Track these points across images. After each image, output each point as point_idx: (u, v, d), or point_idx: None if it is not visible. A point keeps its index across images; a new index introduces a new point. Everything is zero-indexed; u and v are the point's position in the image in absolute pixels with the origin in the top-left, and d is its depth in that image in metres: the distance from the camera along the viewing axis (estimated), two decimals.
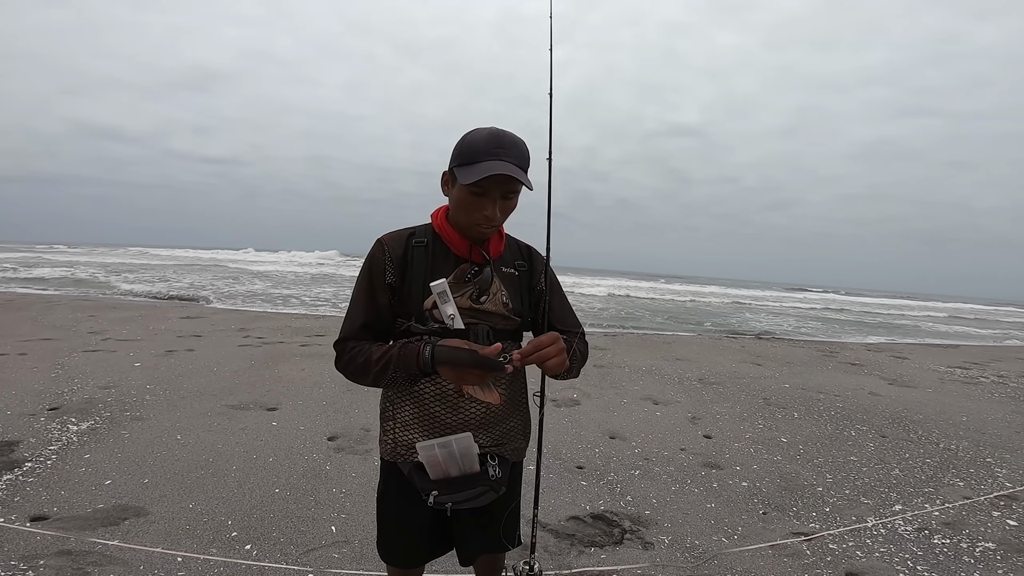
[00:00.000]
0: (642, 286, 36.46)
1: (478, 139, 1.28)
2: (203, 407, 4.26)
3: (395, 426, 1.40)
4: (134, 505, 2.66)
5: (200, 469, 3.13)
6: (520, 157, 1.28)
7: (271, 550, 2.36)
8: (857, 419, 5.04)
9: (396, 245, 1.38)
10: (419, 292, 1.34)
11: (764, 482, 3.45)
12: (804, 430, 4.62)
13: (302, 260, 38.29)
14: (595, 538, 2.63)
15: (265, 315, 10.82)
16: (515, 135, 1.30)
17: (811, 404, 5.52)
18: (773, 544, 2.67)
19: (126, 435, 3.58)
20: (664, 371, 6.79)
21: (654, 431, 4.36)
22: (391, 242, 1.39)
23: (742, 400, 5.55)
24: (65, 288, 14.02)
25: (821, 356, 9.15)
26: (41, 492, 2.74)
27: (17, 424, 3.63)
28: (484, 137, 1.27)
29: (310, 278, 23.12)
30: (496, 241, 1.43)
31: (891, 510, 3.16)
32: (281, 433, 3.79)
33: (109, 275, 18.21)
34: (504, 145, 1.26)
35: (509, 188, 1.29)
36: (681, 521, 2.87)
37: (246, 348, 6.73)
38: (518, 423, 1.48)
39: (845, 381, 6.92)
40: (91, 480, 2.90)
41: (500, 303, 1.39)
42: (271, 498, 2.84)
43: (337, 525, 2.61)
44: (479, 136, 1.28)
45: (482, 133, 1.29)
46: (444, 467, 1.28)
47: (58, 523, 2.44)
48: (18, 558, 2.16)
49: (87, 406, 4.11)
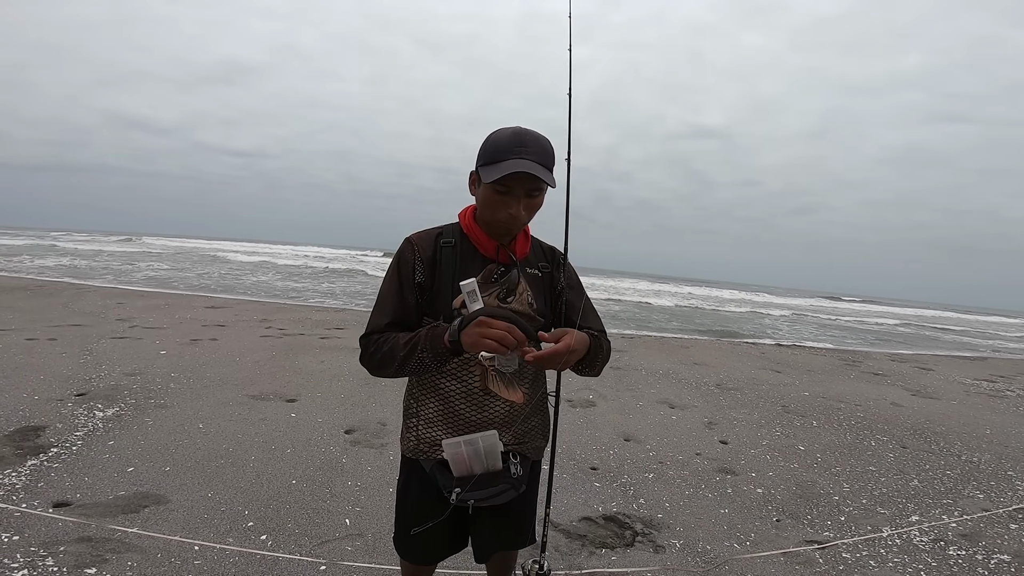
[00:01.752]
0: (660, 289, 36.19)
1: (502, 138, 1.30)
2: (225, 396, 4.35)
3: (419, 423, 1.41)
4: (155, 493, 2.73)
5: (220, 458, 3.20)
6: (543, 155, 1.29)
7: (286, 541, 2.41)
8: (878, 429, 4.95)
9: (425, 245, 1.40)
10: (448, 291, 1.36)
11: (779, 489, 3.41)
12: (823, 439, 4.55)
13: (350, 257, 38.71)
14: (606, 539, 2.63)
15: (287, 307, 10.99)
16: (538, 133, 1.32)
17: (831, 413, 5.43)
18: (785, 551, 2.64)
19: (150, 422, 3.67)
20: (681, 375, 6.73)
21: (670, 435, 4.34)
22: (420, 241, 1.41)
23: (760, 407, 5.49)
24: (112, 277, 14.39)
25: (843, 365, 8.99)
26: (65, 478, 2.81)
27: (44, 409, 3.74)
28: (507, 136, 1.29)
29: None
30: (522, 242, 1.45)
31: (907, 521, 3.11)
32: (300, 425, 3.86)
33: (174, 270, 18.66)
34: (527, 143, 1.28)
35: (533, 186, 1.31)
36: (693, 525, 2.85)
37: (267, 339, 6.85)
38: (539, 422, 1.50)
39: (867, 391, 6.79)
40: (114, 467, 2.98)
41: (526, 303, 1.41)
42: (288, 489, 2.89)
43: (351, 518, 2.65)
44: (503, 135, 1.30)
45: (506, 132, 1.31)
46: (468, 464, 1.29)
47: (80, 509, 2.51)
48: (39, 544, 2.20)
49: (113, 392, 4.22)
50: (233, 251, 34.80)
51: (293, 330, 7.67)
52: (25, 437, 3.25)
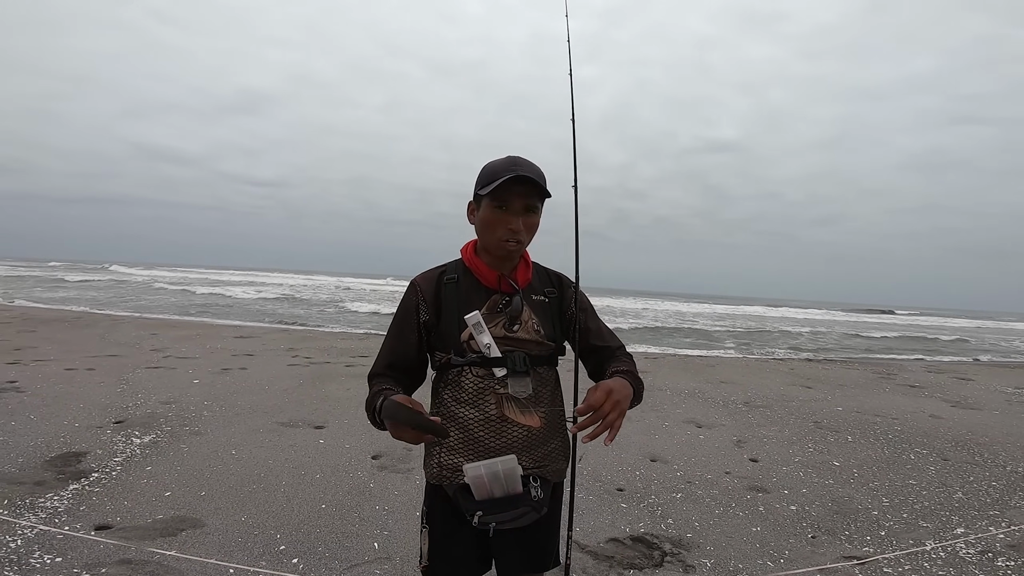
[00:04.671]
0: (684, 308, 35.74)
1: (496, 163, 1.39)
2: (255, 423, 4.44)
3: (441, 450, 1.44)
4: (191, 516, 2.80)
5: (252, 483, 3.26)
6: (537, 175, 1.37)
7: (317, 564, 2.44)
8: (917, 442, 4.80)
9: (428, 285, 1.46)
10: (455, 326, 1.40)
11: (814, 506, 3.33)
12: (859, 454, 4.43)
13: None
14: (634, 560, 2.60)
15: (312, 335, 11.18)
16: (531, 161, 1.40)
17: (866, 427, 5.28)
18: (822, 568, 2.58)
19: (185, 449, 3.77)
20: (707, 394, 6.64)
21: (697, 454, 4.28)
22: (423, 283, 1.47)
23: (791, 423, 5.37)
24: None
25: (877, 378, 8.75)
26: (106, 502, 2.90)
27: (85, 436, 3.87)
28: (502, 160, 1.39)
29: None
30: (523, 270, 1.49)
31: (952, 533, 3.00)
32: (328, 450, 3.91)
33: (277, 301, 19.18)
34: (520, 164, 1.37)
35: (530, 202, 1.37)
36: (724, 544, 2.80)
37: (295, 367, 6.98)
38: (558, 445, 1.51)
39: (904, 404, 6.59)
40: (152, 491, 3.07)
41: (532, 330, 1.44)
42: (318, 513, 2.93)
43: (379, 542, 2.67)
44: (497, 161, 1.40)
45: (500, 159, 1.40)
46: (489, 488, 1.32)
47: (120, 532, 2.59)
48: (81, 566, 2.28)
49: (150, 420, 4.35)
50: (260, 282, 35.57)
51: (319, 358, 7.80)
52: (67, 462, 3.37)
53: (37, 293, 19.15)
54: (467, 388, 1.40)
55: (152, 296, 20.41)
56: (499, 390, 1.39)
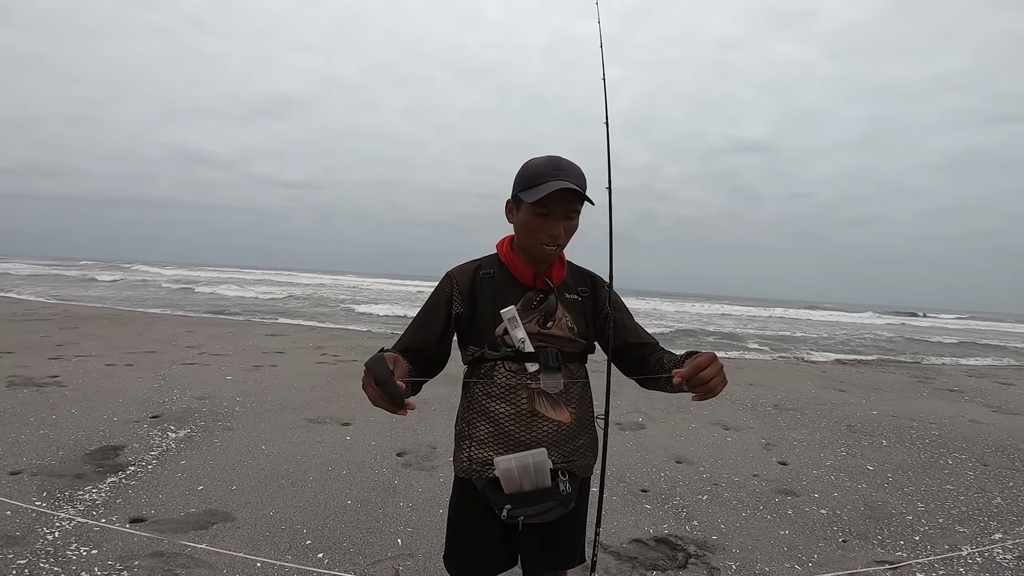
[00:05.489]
0: (710, 309, 35.20)
1: (539, 164, 1.37)
2: (285, 420, 4.54)
3: (471, 444, 1.45)
4: (222, 510, 2.87)
5: (281, 478, 3.34)
6: (579, 179, 1.36)
7: (341, 559, 2.48)
8: (955, 447, 4.64)
9: (464, 278, 1.47)
10: (489, 321, 1.41)
11: (845, 510, 3.25)
12: (894, 458, 4.31)
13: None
14: (657, 561, 2.57)
15: (340, 334, 11.36)
16: (572, 161, 1.38)
17: (902, 432, 5.13)
18: (852, 572, 2.51)
19: (218, 443, 3.88)
20: (736, 396, 6.52)
21: (724, 456, 4.21)
22: (459, 275, 1.48)
23: (822, 427, 5.24)
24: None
25: (914, 382, 8.47)
26: (141, 495, 3.00)
27: (123, 430, 4.01)
28: (544, 162, 1.37)
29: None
30: (558, 268, 1.49)
31: (990, 539, 2.90)
32: (354, 447, 3.98)
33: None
34: (563, 168, 1.35)
35: (571, 208, 1.36)
36: (751, 547, 2.75)
37: (323, 365, 7.10)
38: (587, 441, 1.51)
39: (942, 408, 6.38)
40: (186, 485, 3.16)
41: (566, 328, 1.44)
42: (343, 509, 2.98)
43: (403, 538, 2.70)
44: (539, 161, 1.38)
45: (541, 159, 1.38)
46: (519, 481, 1.33)
47: (154, 525, 2.67)
48: (115, 558, 2.35)
49: (185, 415, 4.48)
50: (289, 282, 36.28)
51: (346, 356, 7.92)
52: (105, 456, 3.50)
53: (71, 291, 19.90)
54: (499, 382, 1.41)
55: (185, 296, 21.01)
56: (531, 385, 1.40)
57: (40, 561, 2.26)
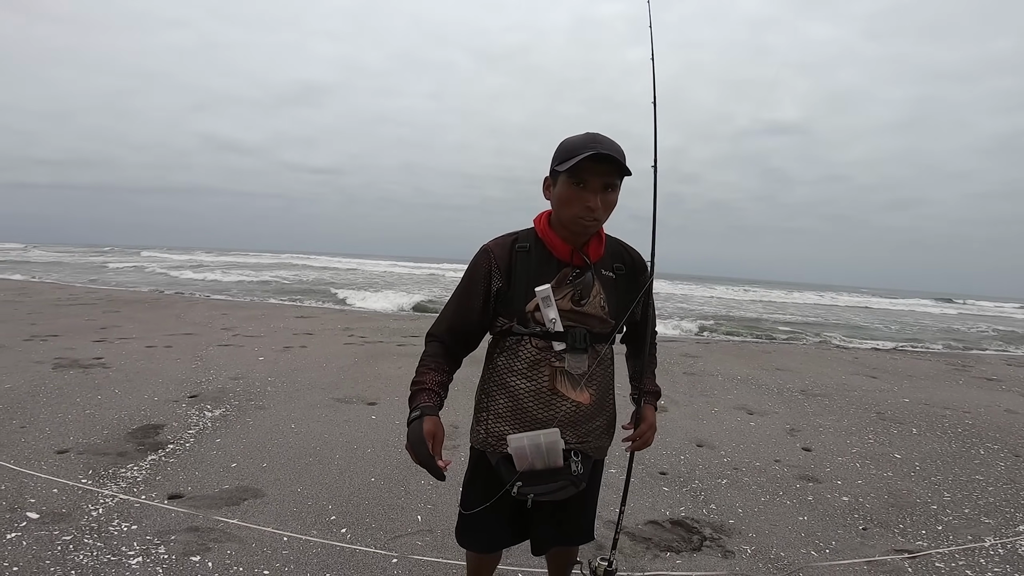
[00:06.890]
0: (739, 295, 34.55)
1: (576, 138, 1.37)
2: (314, 399, 4.69)
3: (488, 417, 1.48)
4: (253, 487, 3.00)
5: (309, 456, 3.46)
6: (617, 152, 1.33)
7: (363, 535, 2.58)
8: (988, 437, 4.52)
9: (501, 252, 1.46)
10: (522, 295, 1.42)
11: (868, 498, 3.22)
12: (923, 447, 4.22)
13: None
14: (672, 543, 2.60)
15: (367, 316, 11.58)
16: (610, 137, 1.37)
17: (934, 420, 5.01)
18: (870, 560, 2.50)
19: (251, 422, 4.04)
20: (761, 381, 6.45)
21: (746, 441, 4.19)
22: (497, 248, 1.47)
23: (850, 414, 5.16)
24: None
25: (950, 370, 8.22)
26: (179, 472, 3.14)
27: (163, 409, 4.21)
28: (581, 136, 1.37)
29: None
30: (596, 244, 1.47)
31: (1015, 531, 2.84)
32: (379, 426, 4.09)
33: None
34: (600, 140, 1.34)
35: (608, 180, 1.35)
36: (768, 532, 2.76)
37: (350, 347, 7.28)
38: (603, 422, 1.53)
39: (977, 397, 6.19)
40: (220, 462, 3.31)
41: (599, 306, 1.44)
42: (367, 486, 3.09)
43: (423, 515, 2.79)
44: (576, 137, 1.38)
45: (579, 135, 1.38)
46: (530, 459, 1.35)
47: (190, 501, 2.80)
48: (153, 533, 2.46)
49: (220, 395, 4.67)
50: (320, 265, 36.94)
51: (373, 338, 8.09)
52: (146, 434, 3.68)
53: (110, 276, 20.67)
54: (523, 358, 1.42)
55: (222, 279, 21.63)
56: (555, 363, 1.41)
57: (84, 537, 2.38)
